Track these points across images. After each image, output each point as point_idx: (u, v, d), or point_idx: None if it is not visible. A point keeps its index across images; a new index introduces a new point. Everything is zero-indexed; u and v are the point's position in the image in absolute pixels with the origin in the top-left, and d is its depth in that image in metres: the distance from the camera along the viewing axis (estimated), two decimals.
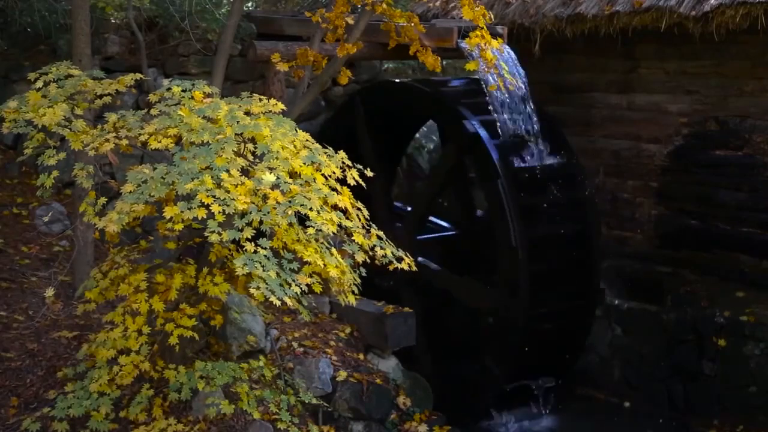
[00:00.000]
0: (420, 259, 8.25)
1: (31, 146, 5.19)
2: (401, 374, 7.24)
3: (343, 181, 5.09)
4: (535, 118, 8.18)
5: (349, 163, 5.17)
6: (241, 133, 4.84)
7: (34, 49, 8.60)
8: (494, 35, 7.04)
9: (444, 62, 9.22)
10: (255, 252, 4.52)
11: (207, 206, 4.52)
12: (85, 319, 6.38)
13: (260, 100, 5.15)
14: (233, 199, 4.51)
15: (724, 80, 8.54)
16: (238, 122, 4.82)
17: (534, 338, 7.97)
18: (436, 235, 9.52)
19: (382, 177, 8.89)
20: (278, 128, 4.91)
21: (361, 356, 7.16)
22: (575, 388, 8.71)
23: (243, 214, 4.54)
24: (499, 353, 8.07)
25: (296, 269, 4.70)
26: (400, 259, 5.32)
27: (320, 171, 4.90)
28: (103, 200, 5.10)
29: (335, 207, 4.91)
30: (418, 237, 9.00)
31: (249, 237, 4.54)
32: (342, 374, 6.78)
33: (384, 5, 6.80)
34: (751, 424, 7.76)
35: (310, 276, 4.79)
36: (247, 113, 4.97)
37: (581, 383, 8.75)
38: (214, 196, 4.50)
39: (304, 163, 4.83)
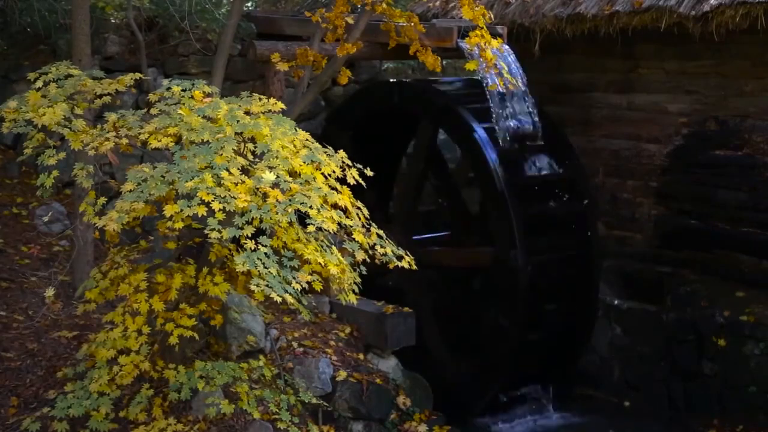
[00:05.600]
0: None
1: (31, 146, 5.19)
2: (401, 374, 7.23)
3: (342, 181, 5.10)
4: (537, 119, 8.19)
5: (349, 162, 5.18)
6: (241, 132, 4.85)
7: (34, 49, 8.58)
8: (494, 35, 7.05)
9: (444, 62, 9.20)
10: (255, 250, 4.53)
11: (207, 204, 4.52)
12: (85, 319, 6.38)
13: (260, 99, 5.15)
14: (233, 198, 4.51)
15: (724, 80, 8.53)
16: (238, 121, 4.83)
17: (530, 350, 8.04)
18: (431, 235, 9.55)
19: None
20: (278, 127, 4.92)
21: (361, 356, 7.16)
22: (575, 388, 8.71)
23: (243, 213, 4.55)
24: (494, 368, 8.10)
25: (296, 267, 4.70)
26: (400, 258, 5.32)
27: (320, 170, 4.91)
28: (103, 200, 5.10)
29: (335, 206, 4.91)
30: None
31: (249, 235, 4.54)
32: (342, 374, 6.78)
33: (384, 5, 6.81)
34: (751, 424, 7.75)
35: (311, 274, 4.80)
36: (247, 113, 4.98)
37: (581, 383, 8.74)
38: (214, 194, 4.51)
39: (304, 162, 4.84)
